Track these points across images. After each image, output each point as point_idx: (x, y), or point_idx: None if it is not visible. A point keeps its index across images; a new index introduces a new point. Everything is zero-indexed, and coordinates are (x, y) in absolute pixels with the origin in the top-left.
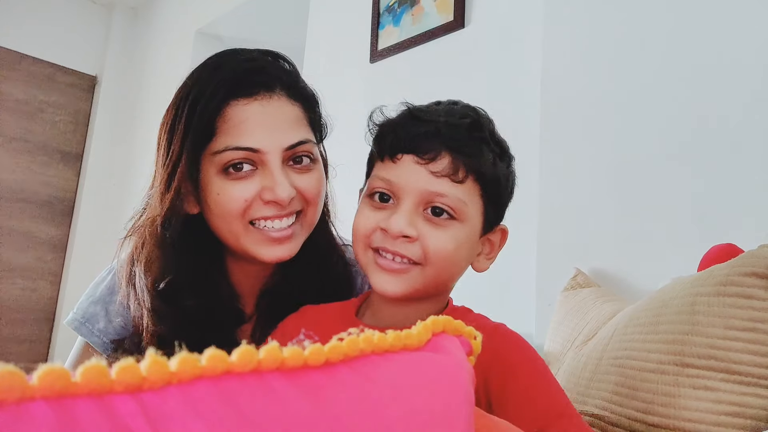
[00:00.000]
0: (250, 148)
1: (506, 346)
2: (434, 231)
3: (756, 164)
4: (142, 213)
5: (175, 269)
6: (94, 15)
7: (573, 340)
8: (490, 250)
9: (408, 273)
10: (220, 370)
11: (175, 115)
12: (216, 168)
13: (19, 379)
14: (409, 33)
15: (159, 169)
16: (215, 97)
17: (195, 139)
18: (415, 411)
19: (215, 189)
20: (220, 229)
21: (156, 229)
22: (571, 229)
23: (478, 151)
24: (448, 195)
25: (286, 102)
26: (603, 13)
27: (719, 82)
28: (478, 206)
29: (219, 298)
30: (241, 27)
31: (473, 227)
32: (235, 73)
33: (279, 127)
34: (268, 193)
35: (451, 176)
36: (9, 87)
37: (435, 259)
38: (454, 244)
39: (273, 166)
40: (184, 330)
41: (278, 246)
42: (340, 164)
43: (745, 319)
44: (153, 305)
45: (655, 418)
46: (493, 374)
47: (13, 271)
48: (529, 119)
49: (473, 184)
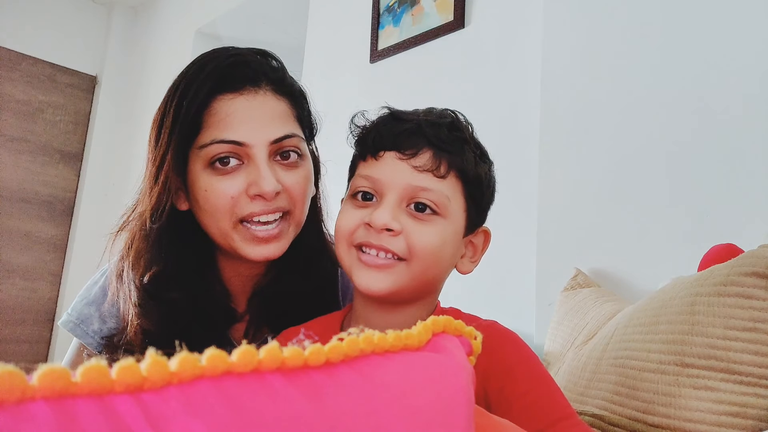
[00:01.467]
0: (235, 141)
1: (503, 345)
2: (418, 225)
3: (756, 164)
4: (132, 209)
5: (162, 262)
6: (94, 15)
7: (573, 340)
8: (474, 252)
9: (393, 268)
10: (220, 370)
11: (164, 111)
12: (203, 162)
13: (19, 379)
14: (409, 33)
15: (149, 164)
16: (201, 91)
17: (182, 132)
18: (415, 411)
19: (203, 185)
20: (209, 226)
21: (144, 223)
22: (571, 229)
23: (460, 149)
24: (431, 189)
25: (272, 97)
26: (603, 13)
27: (719, 82)
28: (460, 203)
29: (209, 294)
30: (241, 27)
31: (456, 225)
32: (221, 68)
33: (265, 121)
34: (254, 187)
35: (434, 171)
36: (9, 87)
37: (420, 254)
38: (438, 240)
39: (259, 159)
40: (170, 327)
41: (265, 245)
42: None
43: (745, 319)
44: (138, 299)
45: (656, 418)
46: (491, 375)
47: (13, 272)
48: (529, 119)
49: (456, 181)
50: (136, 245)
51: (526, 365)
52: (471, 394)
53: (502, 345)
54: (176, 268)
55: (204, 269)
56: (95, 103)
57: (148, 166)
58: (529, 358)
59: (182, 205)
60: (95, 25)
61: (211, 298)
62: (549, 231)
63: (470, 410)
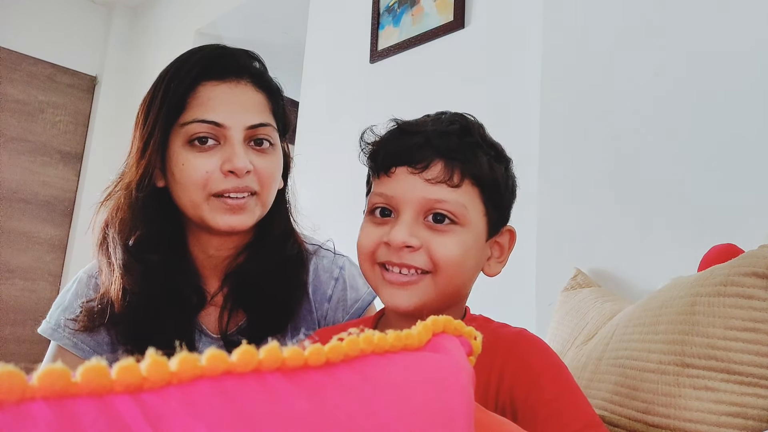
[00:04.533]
0: (215, 122)
1: (529, 353)
2: (438, 237)
3: (756, 164)
4: (116, 183)
5: (144, 227)
6: (94, 15)
7: (573, 340)
8: (500, 253)
9: (418, 284)
10: (220, 370)
11: (153, 94)
12: (183, 139)
13: (19, 379)
14: (409, 33)
15: (135, 141)
16: (189, 76)
17: (168, 112)
18: (415, 411)
19: (181, 159)
20: (181, 198)
21: (131, 193)
22: (571, 229)
23: (471, 155)
24: (447, 200)
25: (251, 89)
26: (602, 13)
27: (719, 81)
28: (479, 209)
29: (182, 267)
30: (241, 27)
31: (478, 231)
32: (209, 58)
33: (243, 108)
34: (227, 164)
35: (447, 182)
36: (9, 87)
37: (444, 266)
38: (461, 249)
39: (234, 140)
40: (149, 288)
41: (233, 215)
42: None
43: (745, 319)
44: (123, 259)
45: (656, 418)
46: (517, 382)
47: (12, 272)
48: (529, 119)
49: (471, 188)
50: (122, 212)
51: (552, 373)
52: (471, 394)
53: (528, 352)
54: (156, 234)
55: (177, 246)
56: (95, 103)
57: (134, 143)
58: (556, 366)
59: (159, 182)
60: (95, 25)
61: (183, 273)
62: (549, 231)
63: (470, 410)
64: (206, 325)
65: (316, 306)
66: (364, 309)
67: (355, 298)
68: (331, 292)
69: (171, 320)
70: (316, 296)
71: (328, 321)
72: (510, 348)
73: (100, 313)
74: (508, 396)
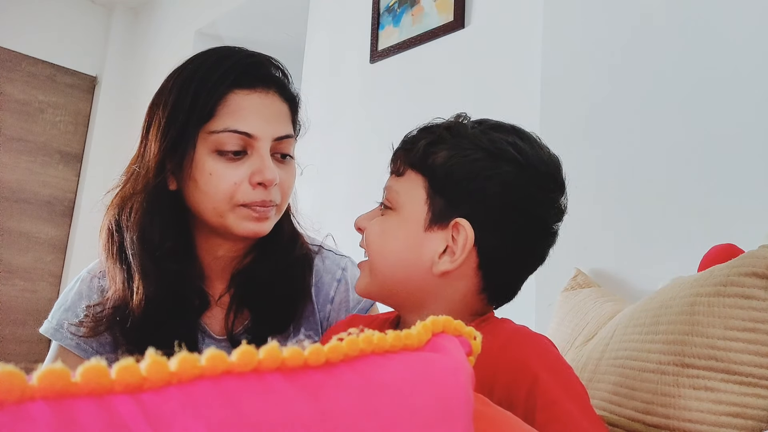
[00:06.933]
0: (246, 132)
1: (524, 350)
2: (375, 221)
3: (756, 164)
4: (125, 184)
5: (162, 230)
6: (94, 15)
7: (573, 340)
8: (453, 251)
9: (364, 267)
10: (220, 370)
11: (179, 95)
12: (210, 147)
13: (19, 379)
14: (409, 33)
15: (153, 143)
16: (222, 84)
17: (196, 118)
18: (415, 411)
19: (207, 168)
20: (201, 204)
21: (148, 196)
22: (571, 229)
23: (419, 146)
24: (390, 188)
25: (278, 99)
26: (602, 12)
27: (719, 81)
28: (417, 196)
29: (184, 268)
30: (241, 27)
31: (407, 215)
32: (241, 65)
33: (272, 119)
34: (258, 175)
35: (395, 173)
36: (9, 87)
37: (369, 247)
38: (378, 228)
39: (263, 151)
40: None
41: (257, 223)
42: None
43: (745, 320)
44: (143, 265)
45: (655, 418)
46: (515, 382)
47: (12, 272)
48: (529, 119)
49: (415, 176)
50: (138, 216)
51: (552, 373)
52: (470, 394)
53: (523, 350)
54: (173, 239)
55: (183, 247)
56: (95, 103)
57: (151, 145)
58: (556, 365)
59: (171, 185)
60: (95, 25)
61: (190, 276)
62: None
63: (469, 410)
64: (210, 327)
65: (318, 307)
66: (366, 311)
67: (358, 299)
68: (333, 294)
69: (174, 323)
70: (319, 298)
71: (330, 322)
72: (504, 346)
73: (107, 318)
74: (506, 399)
